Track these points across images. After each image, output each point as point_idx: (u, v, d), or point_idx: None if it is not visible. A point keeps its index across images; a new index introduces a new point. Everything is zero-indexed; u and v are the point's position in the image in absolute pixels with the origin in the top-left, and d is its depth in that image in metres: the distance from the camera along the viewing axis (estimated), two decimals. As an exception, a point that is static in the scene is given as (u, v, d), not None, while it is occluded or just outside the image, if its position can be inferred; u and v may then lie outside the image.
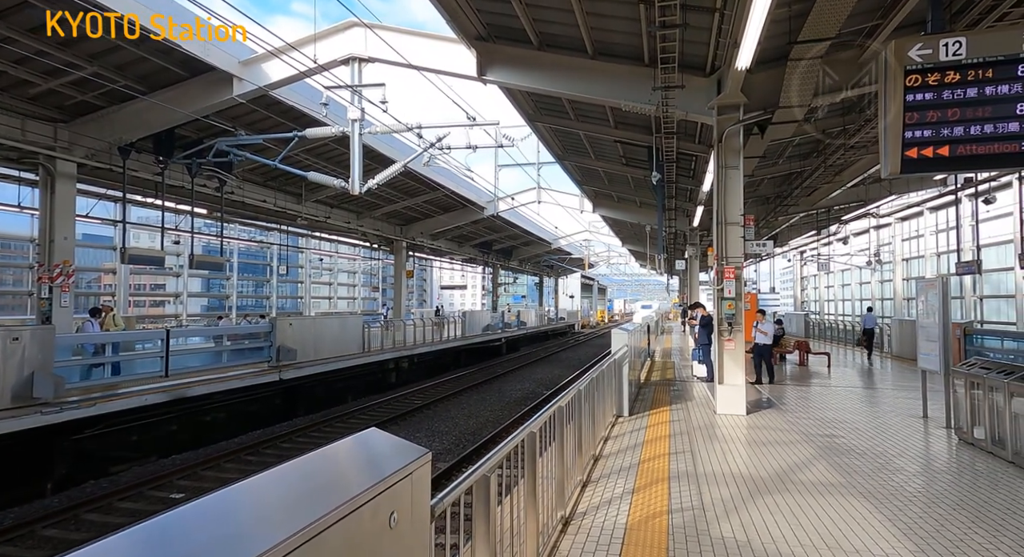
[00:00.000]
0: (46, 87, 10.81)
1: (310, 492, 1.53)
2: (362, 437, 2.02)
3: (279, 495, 1.45)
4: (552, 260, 46.75)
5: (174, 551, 1.09)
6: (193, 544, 1.14)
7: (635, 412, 8.78)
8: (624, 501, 4.82)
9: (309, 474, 1.63)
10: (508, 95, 12.15)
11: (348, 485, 1.62)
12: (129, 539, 1.09)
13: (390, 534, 1.73)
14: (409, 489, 1.87)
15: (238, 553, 1.15)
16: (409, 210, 24.41)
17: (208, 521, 1.24)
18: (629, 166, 16.93)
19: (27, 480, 8.43)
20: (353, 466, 1.84)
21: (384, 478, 1.72)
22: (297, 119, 13.77)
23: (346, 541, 1.50)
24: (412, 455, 1.95)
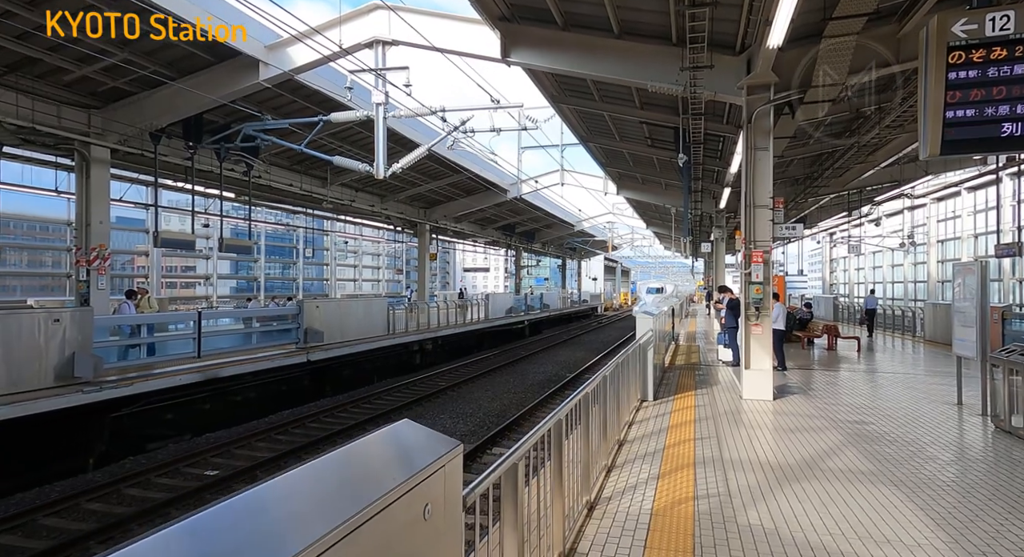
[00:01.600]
0: (80, 74, 11.02)
1: (346, 487, 1.55)
2: (394, 429, 2.03)
3: (315, 490, 1.47)
4: (575, 242, 46.52)
5: (214, 548, 1.11)
6: (232, 541, 1.16)
7: (660, 397, 8.76)
8: (649, 486, 4.83)
9: (344, 468, 1.65)
10: (532, 76, 12.00)
11: (383, 479, 1.64)
12: (169, 537, 1.10)
13: (424, 526, 1.76)
14: (443, 481, 1.90)
15: (277, 549, 1.17)
16: (433, 193, 24.45)
17: (246, 518, 1.25)
18: (655, 147, 16.66)
19: (71, 455, 8.80)
20: (387, 460, 1.85)
21: (418, 471, 1.74)
22: (322, 103, 13.82)
23: (383, 534, 1.53)
24: (445, 448, 1.97)
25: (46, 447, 8.46)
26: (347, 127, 15.43)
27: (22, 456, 8.17)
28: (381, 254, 38.88)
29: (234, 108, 12.84)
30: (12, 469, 8.07)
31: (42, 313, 9.13)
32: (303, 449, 9.63)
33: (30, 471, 8.24)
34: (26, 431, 7.99)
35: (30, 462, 8.28)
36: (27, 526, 6.83)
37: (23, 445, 8.13)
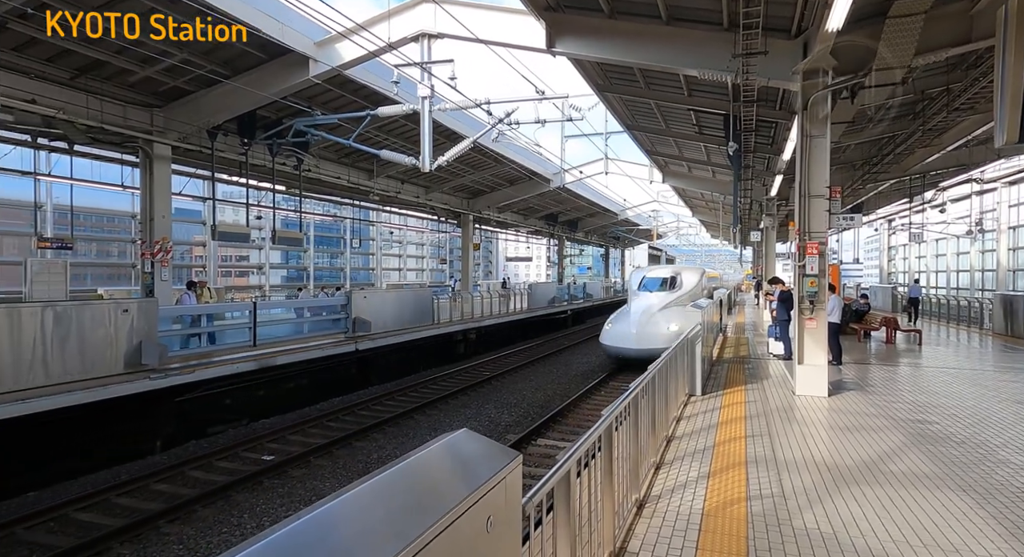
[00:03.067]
0: (143, 75, 11.52)
1: (412, 502, 1.58)
2: (454, 440, 2.05)
3: (383, 507, 1.50)
4: (619, 231, 45.94)
5: None
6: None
7: (708, 391, 8.61)
8: (700, 485, 4.78)
9: (408, 484, 1.67)
10: (577, 66, 11.85)
11: (449, 493, 1.67)
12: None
13: (486, 537, 1.79)
14: (504, 493, 1.92)
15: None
16: (476, 183, 24.56)
17: (317, 538, 1.27)
18: (703, 135, 16.22)
19: (141, 438, 9.33)
20: (450, 472, 1.88)
21: (481, 484, 1.77)
22: (369, 97, 14.03)
23: (449, 549, 1.56)
24: (505, 459, 1.99)
25: (120, 430, 9.00)
26: (393, 120, 15.63)
27: (100, 438, 8.73)
28: (425, 244, 39.39)
29: (285, 104, 13.19)
30: (92, 450, 8.64)
31: (112, 304, 9.67)
32: (354, 436, 9.92)
33: (108, 452, 8.79)
34: (102, 414, 8.52)
35: (107, 444, 8.83)
36: (103, 505, 7.30)
37: (100, 428, 8.68)
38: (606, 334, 15.30)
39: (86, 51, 10.38)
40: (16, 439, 7.64)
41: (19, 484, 7.76)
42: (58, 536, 6.53)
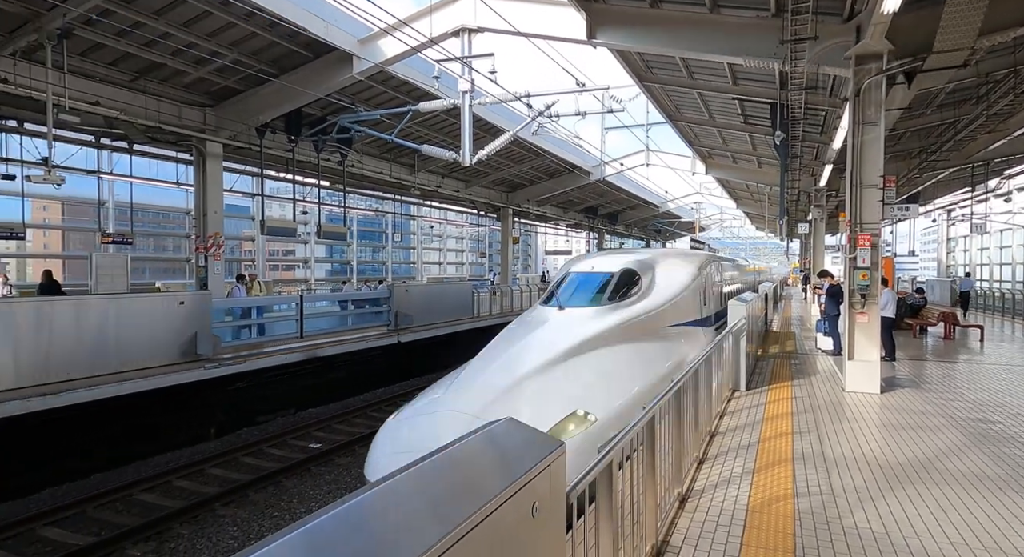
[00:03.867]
0: (196, 75, 11.97)
1: (457, 489, 1.61)
2: (498, 429, 2.09)
3: (425, 494, 1.52)
4: (660, 224, 45.22)
5: (336, 555, 1.15)
6: (351, 548, 1.20)
7: (753, 387, 8.43)
8: (744, 481, 4.70)
9: (451, 471, 1.70)
10: (618, 56, 11.69)
11: (494, 480, 1.70)
12: (289, 544, 1.13)
13: (532, 523, 1.82)
14: (548, 481, 1.94)
15: (405, 550, 1.22)
16: (516, 177, 24.58)
17: (360, 524, 1.30)
18: (748, 124, 15.79)
19: (197, 425, 9.77)
20: (494, 461, 1.91)
21: (527, 471, 1.80)
22: (410, 93, 14.20)
23: (495, 534, 1.59)
24: (549, 447, 2.02)
25: (179, 417, 9.45)
26: (434, 115, 15.79)
27: (162, 424, 9.19)
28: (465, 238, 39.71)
29: (330, 101, 13.49)
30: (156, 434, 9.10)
31: (170, 296, 10.13)
32: (397, 426, 10.13)
33: (169, 437, 9.26)
34: (163, 401, 8.97)
35: (168, 429, 9.29)
36: (164, 487, 7.70)
37: (162, 414, 9.13)
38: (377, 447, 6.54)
39: (144, 54, 10.85)
40: (87, 424, 8.12)
41: (87, 467, 8.25)
42: (124, 515, 6.93)
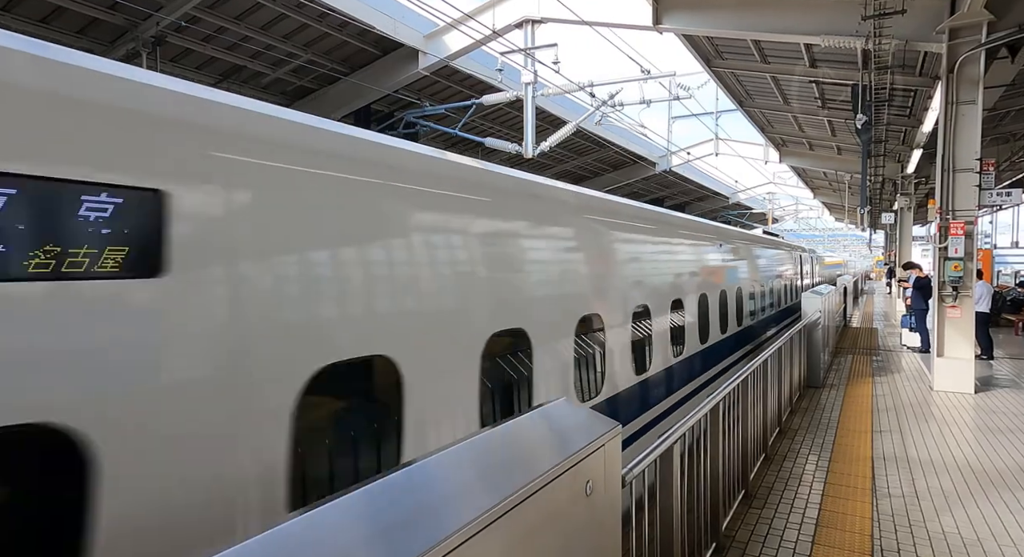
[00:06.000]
0: (274, 76, 12.59)
1: (508, 463, 1.64)
2: (552, 409, 2.12)
3: (478, 466, 1.57)
4: (729, 215, 43.62)
5: (388, 517, 1.22)
6: (402, 511, 1.25)
7: (829, 383, 8.03)
8: (817, 479, 4.50)
9: (504, 446, 1.74)
10: (685, 41, 11.34)
11: (546, 456, 1.72)
12: (348, 503, 1.21)
13: (586, 500, 1.85)
14: (603, 460, 1.96)
15: (446, 521, 1.27)
16: (579, 169, 24.37)
17: (411, 491, 1.34)
18: (827, 108, 14.93)
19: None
20: (547, 438, 1.93)
21: (580, 449, 1.82)
22: (474, 87, 14.35)
23: (547, 508, 1.62)
24: (604, 428, 2.03)
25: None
26: (497, 108, 15.88)
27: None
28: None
29: (397, 97, 13.83)
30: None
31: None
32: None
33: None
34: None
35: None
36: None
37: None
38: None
39: (227, 57, 11.52)
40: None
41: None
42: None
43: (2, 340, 1.57)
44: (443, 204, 3.17)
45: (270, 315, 2.20)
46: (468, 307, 3.23)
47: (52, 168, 1.66)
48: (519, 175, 4.08)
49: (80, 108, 1.75)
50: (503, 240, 3.60)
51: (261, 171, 2.25)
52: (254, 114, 2.37)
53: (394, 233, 2.82)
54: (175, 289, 1.91)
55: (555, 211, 4.25)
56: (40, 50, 1.76)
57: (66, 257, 1.67)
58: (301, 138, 2.55)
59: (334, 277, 2.49)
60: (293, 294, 2.30)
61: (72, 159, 1.72)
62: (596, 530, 1.93)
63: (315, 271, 2.40)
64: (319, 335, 2.39)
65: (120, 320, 1.80)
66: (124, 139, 1.84)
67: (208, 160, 2.08)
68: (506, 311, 3.55)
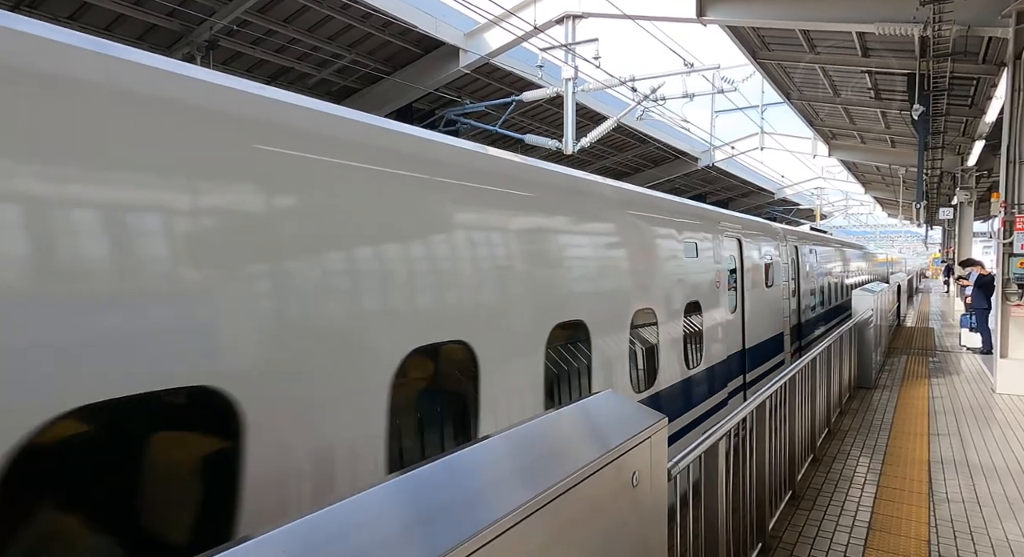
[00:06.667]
0: (319, 77, 12.91)
1: (545, 456, 1.65)
2: (596, 400, 2.13)
3: (516, 459, 1.58)
4: (775, 211, 42.40)
5: (428, 503, 1.25)
6: (442, 498, 1.27)
7: (881, 384, 7.75)
8: (869, 482, 4.36)
9: (542, 438, 1.75)
10: (730, 32, 11.07)
11: (592, 446, 1.74)
12: (388, 489, 1.25)
13: (632, 493, 1.85)
14: (648, 452, 1.96)
15: (487, 509, 1.28)
16: (620, 165, 24.12)
17: (451, 479, 1.36)
18: (880, 100, 14.34)
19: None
20: (591, 429, 1.93)
21: (624, 441, 1.83)
22: (514, 84, 14.38)
23: (593, 497, 1.63)
24: (649, 420, 2.03)
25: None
26: (537, 105, 15.87)
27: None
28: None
29: (438, 95, 13.98)
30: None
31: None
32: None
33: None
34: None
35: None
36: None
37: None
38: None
39: (275, 59, 11.87)
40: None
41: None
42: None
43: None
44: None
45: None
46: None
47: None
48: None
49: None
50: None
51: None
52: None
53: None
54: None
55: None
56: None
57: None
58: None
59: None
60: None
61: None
62: (642, 522, 1.93)
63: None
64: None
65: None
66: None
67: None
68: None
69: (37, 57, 1.63)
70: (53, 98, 1.62)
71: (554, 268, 3.53)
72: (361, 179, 2.51)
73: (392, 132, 2.85)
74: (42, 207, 1.57)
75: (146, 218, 1.77)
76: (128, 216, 1.73)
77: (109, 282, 1.67)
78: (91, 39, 1.86)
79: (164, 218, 1.81)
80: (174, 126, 1.87)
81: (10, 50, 1.58)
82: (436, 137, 3.17)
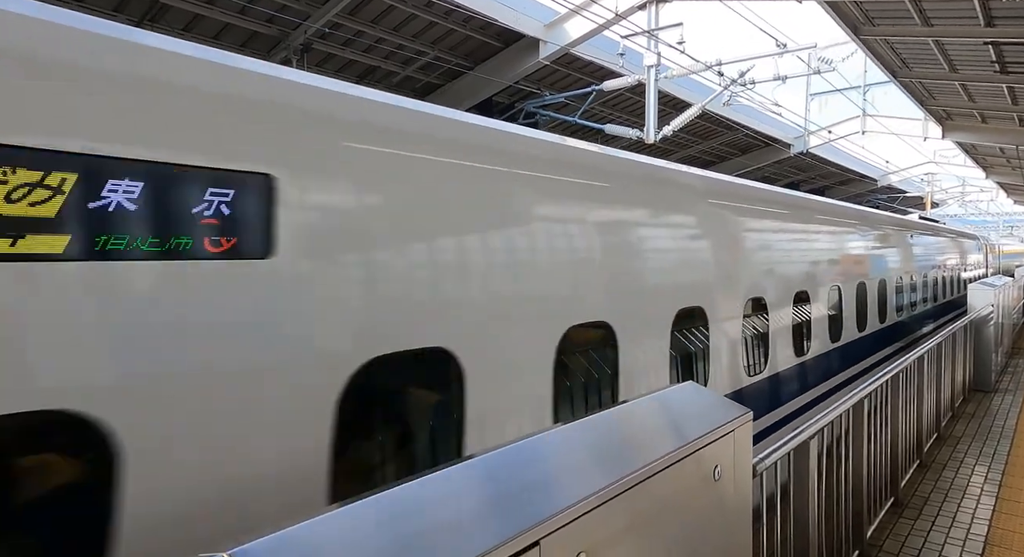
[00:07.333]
0: (403, 75, 13.35)
1: (626, 443, 1.65)
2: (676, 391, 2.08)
3: (589, 447, 1.58)
4: (878, 200, 39.26)
5: (503, 486, 1.27)
6: (520, 481, 1.30)
7: (1002, 388, 7.01)
8: (986, 494, 3.97)
9: (623, 425, 1.76)
10: (827, 8, 10.33)
11: (663, 441, 1.71)
12: (465, 470, 1.28)
13: (714, 486, 1.80)
14: (732, 445, 1.90)
15: (558, 496, 1.29)
16: (704, 154, 23.22)
17: (524, 463, 1.38)
18: (1007, 73, 12.87)
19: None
20: (671, 420, 1.91)
21: (706, 433, 1.78)
22: (594, 73, 14.19)
23: (672, 488, 1.61)
24: (733, 413, 1.97)
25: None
26: (617, 94, 15.57)
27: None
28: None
29: (517, 88, 14.06)
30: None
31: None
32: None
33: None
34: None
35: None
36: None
37: None
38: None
39: (363, 59, 12.39)
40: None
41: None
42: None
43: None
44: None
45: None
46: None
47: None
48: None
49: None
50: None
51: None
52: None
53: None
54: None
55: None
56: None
57: None
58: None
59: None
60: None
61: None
62: (725, 517, 1.88)
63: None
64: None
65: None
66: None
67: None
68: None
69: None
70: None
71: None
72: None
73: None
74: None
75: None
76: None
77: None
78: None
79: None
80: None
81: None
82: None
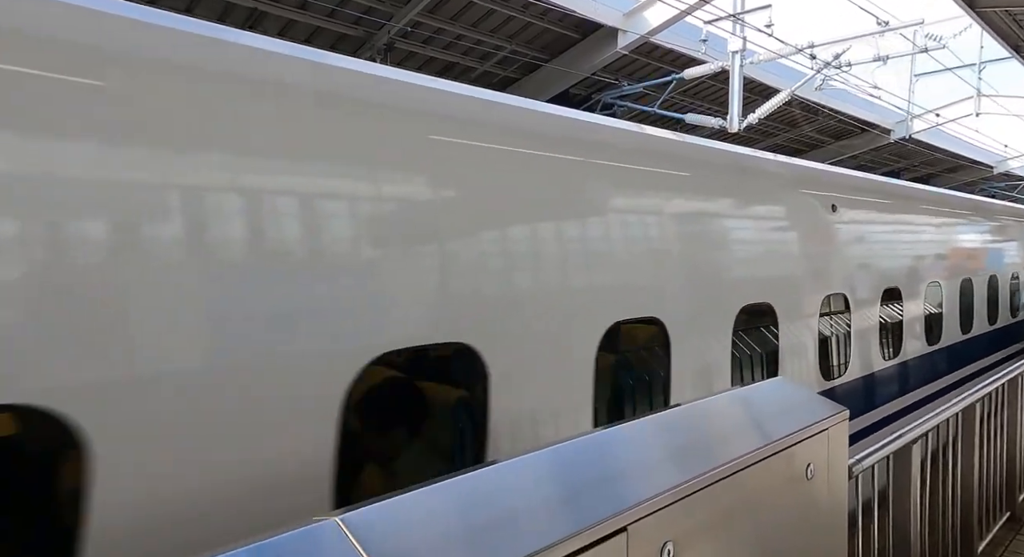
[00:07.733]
0: (481, 70, 13.53)
1: (697, 441, 1.63)
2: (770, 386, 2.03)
3: (664, 442, 1.57)
4: (994, 188, 35.65)
5: (573, 476, 1.27)
6: (591, 472, 1.31)
7: None
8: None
9: (704, 420, 1.74)
10: (939, -20, 9.49)
11: (746, 438, 1.68)
12: (537, 459, 1.29)
13: (807, 485, 1.75)
14: (825, 444, 1.84)
15: (631, 491, 1.29)
16: (793, 142, 22.00)
17: (598, 456, 1.39)
18: None
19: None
20: (759, 416, 1.87)
21: (797, 431, 1.73)
22: (674, 61, 13.79)
23: (758, 486, 1.58)
24: (827, 411, 1.90)
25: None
26: (698, 82, 15.05)
27: None
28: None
29: (595, 79, 13.92)
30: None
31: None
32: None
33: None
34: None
35: None
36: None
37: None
38: None
39: (442, 56, 12.68)
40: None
41: None
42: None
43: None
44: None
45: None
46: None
47: None
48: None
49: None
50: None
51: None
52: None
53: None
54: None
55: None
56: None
57: None
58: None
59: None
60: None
61: None
62: (819, 518, 1.83)
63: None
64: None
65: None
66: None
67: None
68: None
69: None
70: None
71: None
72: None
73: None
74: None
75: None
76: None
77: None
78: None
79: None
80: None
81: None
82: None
